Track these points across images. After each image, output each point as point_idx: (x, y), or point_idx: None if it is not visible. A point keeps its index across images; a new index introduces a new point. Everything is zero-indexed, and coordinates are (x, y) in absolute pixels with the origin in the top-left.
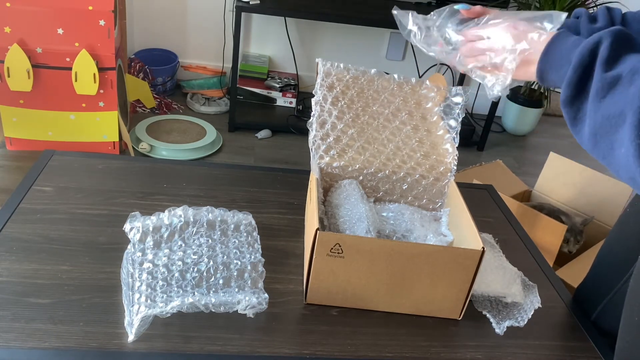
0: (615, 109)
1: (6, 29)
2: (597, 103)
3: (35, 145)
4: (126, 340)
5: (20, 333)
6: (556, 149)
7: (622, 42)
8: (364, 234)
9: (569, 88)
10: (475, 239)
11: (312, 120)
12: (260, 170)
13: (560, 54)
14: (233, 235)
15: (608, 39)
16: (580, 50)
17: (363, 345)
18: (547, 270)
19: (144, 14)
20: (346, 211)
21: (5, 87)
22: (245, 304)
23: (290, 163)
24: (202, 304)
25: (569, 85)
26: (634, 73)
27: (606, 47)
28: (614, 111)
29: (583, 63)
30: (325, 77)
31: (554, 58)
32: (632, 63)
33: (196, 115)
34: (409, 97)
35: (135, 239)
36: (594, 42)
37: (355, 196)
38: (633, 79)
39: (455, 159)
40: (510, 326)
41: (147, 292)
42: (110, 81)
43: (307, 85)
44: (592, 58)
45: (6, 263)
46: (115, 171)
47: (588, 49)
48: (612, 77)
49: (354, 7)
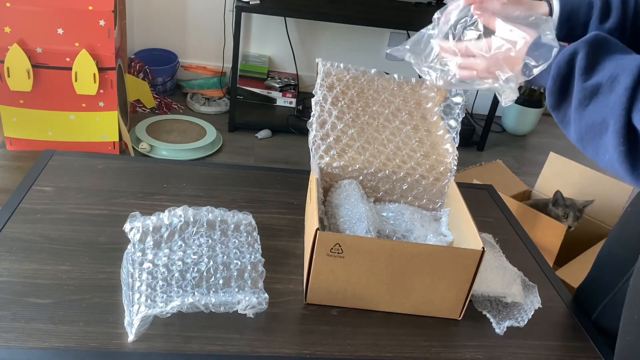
0: (598, 117)
1: (6, 29)
2: (581, 112)
3: (35, 145)
4: (126, 340)
5: (20, 333)
6: (556, 149)
7: (598, 48)
8: (364, 234)
9: (552, 97)
10: (475, 239)
11: (312, 120)
12: (260, 170)
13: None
14: (233, 235)
15: (584, 49)
16: (557, 61)
17: (363, 345)
18: (547, 270)
19: (144, 14)
20: (346, 211)
21: (5, 87)
22: (245, 304)
23: (290, 163)
24: (202, 304)
25: (551, 94)
26: (613, 80)
27: (583, 57)
28: (596, 119)
29: (561, 73)
30: (325, 77)
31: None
32: (610, 70)
33: (196, 115)
34: (409, 97)
35: (135, 239)
36: (570, 54)
37: (355, 196)
38: (612, 87)
39: (455, 159)
40: (510, 326)
41: (147, 292)
42: (110, 81)
43: (307, 85)
44: (570, 68)
45: (6, 263)
46: (115, 171)
47: (565, 60)
48: (592, 86)
49: (354, 7)
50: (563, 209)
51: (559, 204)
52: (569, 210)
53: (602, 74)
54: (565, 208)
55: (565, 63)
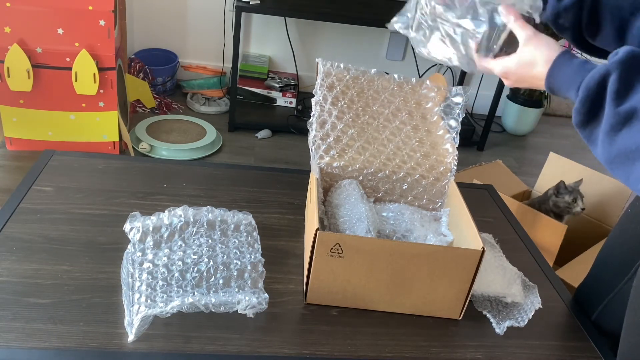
0: (631, 143)
1: (6, 29)
2: (612, 137)
3: (35, 145)
4: (126, 340)
5: (20, 333)
6: (556, 149)
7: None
8: (364, 234)
9: (579, 116)
10: (475, 239)
11: (312, 120)
12: (260, 170)
13: (565, 78)
14: (233, 235)
15: (617, 71)
16: (587, 83)
17: (363, 345)
18: (547, 270)
19: (144, 14)
20: (346, 211)
21: (5, 87)
22: (245, 304)
23: (290, 163)
24: (202, 304)
25: (578, 114)
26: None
27: (615, 80)
28: (629, 146)
29: (591, 96)
30: (326, 77)
31: (560, 81)
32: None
33: (196, 115)
34: (409, 97)
35: (135, 239)
36: (602, 75)
37: (355, 196)
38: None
39: (455, 159)
40: (510, 326)
41: (147, 292)
42: (110, 81)
43: (307, 85)
44: (601, 89)
45: (6, 263)
46: (115, 171)
47: (596, 82)
48: (626, 111)
49: (354, 7)
50: (570, 195)
51: (564, 192)
52: (575, 194)
53: (637, 97)
54: (572, 193)
55: (596, 85)
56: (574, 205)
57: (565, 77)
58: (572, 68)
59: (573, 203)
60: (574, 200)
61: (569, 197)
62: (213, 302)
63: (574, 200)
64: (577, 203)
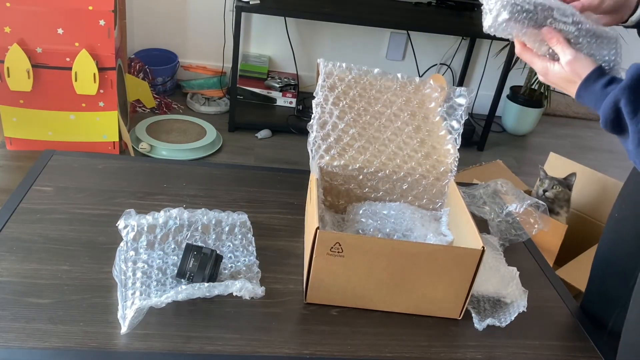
0: None
1: (6, 29)
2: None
3: (35, 145)
4: (126, 341)
5: (20, 333)
6: (556, 149)
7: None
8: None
9: (606, 129)
10: (475, 239)
11: (312, 122)
12: (260, 170)
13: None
14: (227, 238)
15: (624, 96)
16: (603, 109)
17: (363, 345)
18: (547, 270)
19: (144, 14)
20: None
21: (5, 87)
22: (240, 286)
23: (290, 163)
24: (196, 289)
25: (605, 127)
26: None
27: (626, 104)
28: None
29: (610, 118)
30: (327, 77)
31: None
32: None
33: (196, 115)
34: (411, 97)
35: (129, 237)
36: (613, 102)
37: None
38: None
39: (456, 160)
40: (493, 325)
41: (141, 288)
42: (110, 81)
43: (307, 85)
44: (617, 112)
45: (6, 263)
46: (115, 171)
47: (610, 108)
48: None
49: (354, 7)
50: (548, 180)
51: (544, 177)
52: (545, 179)
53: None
54: (551, 180)
55: (611, 111)
56: (540, 190)
57: (591, 97)
58: (595, 91)
59: (540, 187)
60: (542, 184)
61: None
62: (207, 287)
63: (542, 184)
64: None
